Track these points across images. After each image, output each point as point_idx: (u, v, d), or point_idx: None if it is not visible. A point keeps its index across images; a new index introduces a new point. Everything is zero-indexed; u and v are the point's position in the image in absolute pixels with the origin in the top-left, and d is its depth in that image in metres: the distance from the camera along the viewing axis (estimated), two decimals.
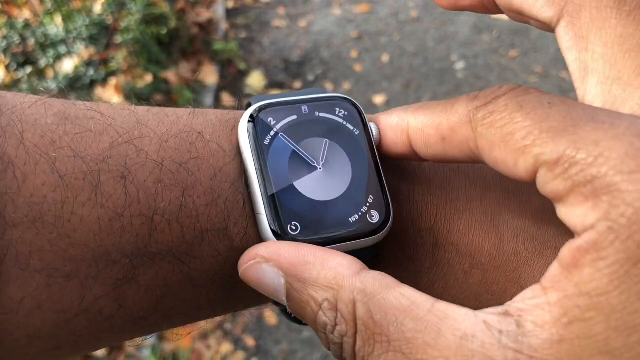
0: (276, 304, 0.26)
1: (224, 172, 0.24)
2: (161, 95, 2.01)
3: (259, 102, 0.25)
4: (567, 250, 0.18)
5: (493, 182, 0.27)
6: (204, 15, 2.52)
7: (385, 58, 2.46)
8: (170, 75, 2.10)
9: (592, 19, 0.22)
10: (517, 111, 0.20)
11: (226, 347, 1.49)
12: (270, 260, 0.22)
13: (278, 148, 0.24)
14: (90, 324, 0.21)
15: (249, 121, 0.24)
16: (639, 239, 0.16)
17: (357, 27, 2.64)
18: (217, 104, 2.20)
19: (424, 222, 0.26)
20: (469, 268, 0.26)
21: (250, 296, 0.25)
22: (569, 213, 0.18)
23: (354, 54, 2.49)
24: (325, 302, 0.21)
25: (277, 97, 0.26)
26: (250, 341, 1.52)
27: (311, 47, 2.54)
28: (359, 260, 0.21)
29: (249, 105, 0.26)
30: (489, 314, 0.19)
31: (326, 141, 0.25)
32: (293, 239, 0.23)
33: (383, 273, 0.21)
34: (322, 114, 0.26)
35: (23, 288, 0.20)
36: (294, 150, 0.25)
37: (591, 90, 0.22)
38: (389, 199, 0.25)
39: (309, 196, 0.24)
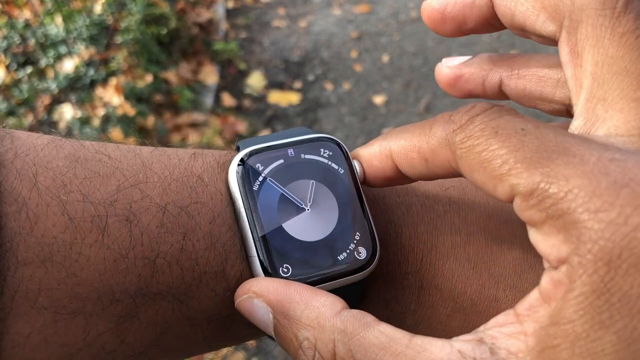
0: (272, 339, 0.28)
1: (222, 216, 0.25)
2: (161, 95, 2.01)
3: (247, 147, 0.26)
4: (547, 281, 0.19)
5: (477, 228, 0.28)
6: (204, 15, 2.52)
7: (385, 58, 2.46)
8: (171, 75, 2.10)
9: (588, 35, 0.22)
10: (493, 137, 0.20)
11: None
12: (260, 296, 0.23)
13: (267, 192, 0.25)
14: (93, 358, 0.22)
15: (238, 165, 0.25)
16: (602, 274, 0.17)
17: (357, 27, 2.65)
18: (217, 104, 2.20)
19: (410, 265, 0.27)
20: (451, 312, 0.27)
21: (245, 333, 0.26)
22: (542, 241, 0.20)
23: (354, 54, 2.49)
24: (305, 341, 0.22)
25: (264, 140, 0.27)
26: (250, 341, 1.52)
27: (311, 47, 2.54)
28: (341, 300, 0.22)
29: (238, 148, 0.27)
30: (463, 342, 0.20)
31: (313, 182, 0.26)
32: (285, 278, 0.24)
33: (363, 312, 0.22)
34: (307, 156, 0.27)
35: (31, 323, 0.21)
36: (282, 193, 0.26)
37: (579, 106, 0.23)
38: (375, 235, 0.26)
39: (298, 237, 0.25)
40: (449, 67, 0.29)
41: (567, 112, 0.27)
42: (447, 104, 2.21)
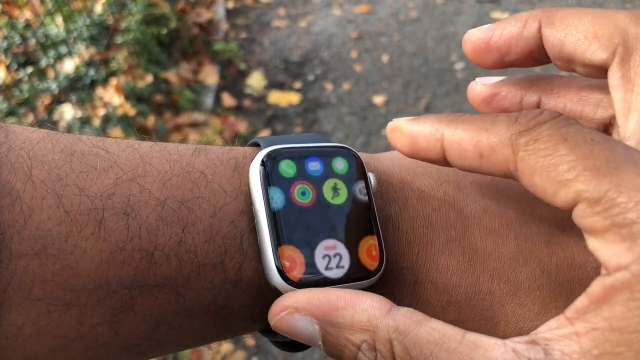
0: (264, 334, 0.28)
1: (223, 210, 0.25)
2: (161, 95, 2.01)
3: (268, 146, 0.27)
4: (599, 285, 0.19)
5: (472, 222, 0.28)
6: (204, 15, 2.52)
7: (385, 58, 2.47)
8: (171, 75, 2.10)
9: None
10: (561, 143, 0.21)
11: (226, 346, 1.49)
12: (301, 310, 0.23)
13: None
14: (86, 349, 0.22)
15: (261, 164, 0.26)
16: None
17: (357, 28, 2.65)
18: (217, 104, 2.20)
19: (406, 260, 0.27)
20: (445, 305, 0.27)
21: (239, 326, 0.26)
22: (603, 248, 0.20)
23: (353, 54, 2.49)
24: (363, 344, 0.22)
25: (282, 141, 0.27)
26: (250, 341, 1.52)
27: (311, 47, 2.55)
28: (387, 299, 0.23)
29: (254, 144, 0.28)
30: (517, 343, 0.20)
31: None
32: (303, 282, 0.24)
33: (411, 309, 0.22)
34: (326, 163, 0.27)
35: (24, 315, 0.21)
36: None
37: (630, 127, 0.24)
38: (383, 243, 0.26)
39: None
40: (484, 85, 0.29)
41: (604, 131, 0.27)
42: (447, 104, 2.21)
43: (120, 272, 0.22)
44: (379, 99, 2.27)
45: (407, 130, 0.26)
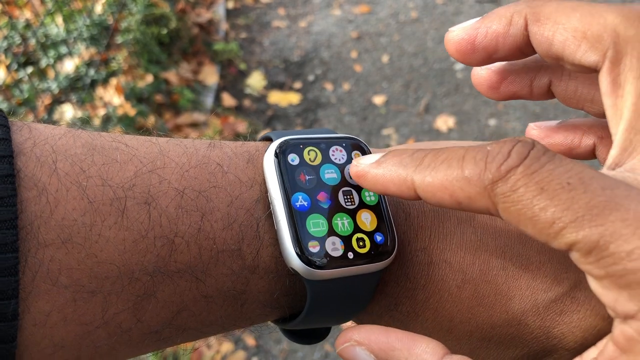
0: (278, 323, 0.29)
1: (240, 199, 0.26)
2: (162, 95, 2.01)
3: (280, 137, 0.28)
4: (621, 336, 0.20)
5: None
6: (204, 15, 2.52)
7: (385, 58, 2.47)
8: (171, 75, 2.10)
9: (632, 67, 0.23)
10: (539, 194, 0.20)
11: (227, 346, 1.49)
12: (362, 344, 0.24)
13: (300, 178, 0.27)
14: (110, 336, 0.23)
15: (274, 155, 0.27)
16: None
17: (357, 28, 2.65)
18: (218, 104, 2.20)
19: (419, 242, 0.28)
20: (461, 283, 0.27)
21: (258, 313, 0.27)
22: (604, 293, 0.21)
23: (353, 54, 2.50)
24: None
25: (296, 133, 0.28)
26: (250, 340, 1.52)
27: (311, 48, 2.55)
28: (441, 345, 0.23)
29: (267, 139, 0.28)
30: None
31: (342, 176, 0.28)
32: (319, 264, 0.25)
33: (465, 357, 0.23)
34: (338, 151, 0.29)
35: (51, 302, 0.21)
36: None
37: (617, 135, 0.24)
38: (394, 226, 0.27)
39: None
40: (490, 70, 0.29)
41: None
42: (446, 105, 2.21)
43: (142, 259, 0.23)
44: (379, 99, 2.27)
45: (372, 178, 0.25)
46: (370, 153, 0.28)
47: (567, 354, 0.27)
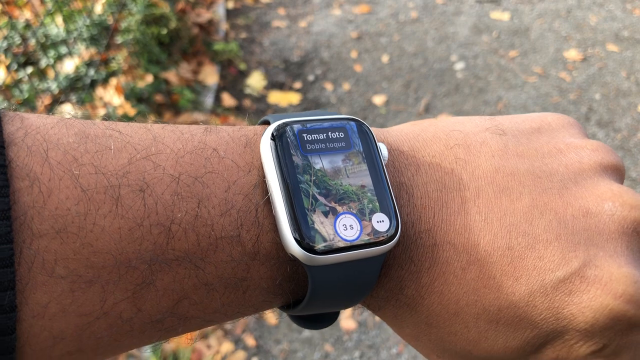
0: (284, 309, 0.28)
1: (237, 184, 0.25)
2: (161, 95, 2.01)
3: (277, 120, 0.27)
4: None
5: (485, 182, 0.28)
6: (204, 15, 2.52)
7: (385, 58, 2.47)
8: (171, 75, 2.10)
9: None
10: None
11: (227, 346, 1.49)
12: None
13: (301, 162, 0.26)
14: (110, 326, 0.23)
15: (271, 138, 0.26)
16: None
17: (357, 28, 2.65)
18: (218, 103, 2.20)
19: (423, 224, 0.27)
20: (466, 264, 0.27)
21: (261, 300, 0.26)
22: None
23: (353, 54, 2.50)
24: None
25: (294, 116, 0.28)
26: (250, 341, 1.52)
27: (311, 48, 2.55)
28: None
29: (265, 122, 0.28)
30: None
31: (345, 154, 0.27)
32: (323, 250, 0.25)
33: None
34: (338, 132, 0.28)
35: (49, 293, 0.21)
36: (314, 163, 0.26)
37: None
38: (396, 207, 0.27)
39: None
40: None
41: None
42: (446, 104, 2.21)
43: (139, 247, 0.23)
44: (379, 99, 2.27)
45: None
46: (371, 132, 0.28)
47: (578, 335, 0.27)
